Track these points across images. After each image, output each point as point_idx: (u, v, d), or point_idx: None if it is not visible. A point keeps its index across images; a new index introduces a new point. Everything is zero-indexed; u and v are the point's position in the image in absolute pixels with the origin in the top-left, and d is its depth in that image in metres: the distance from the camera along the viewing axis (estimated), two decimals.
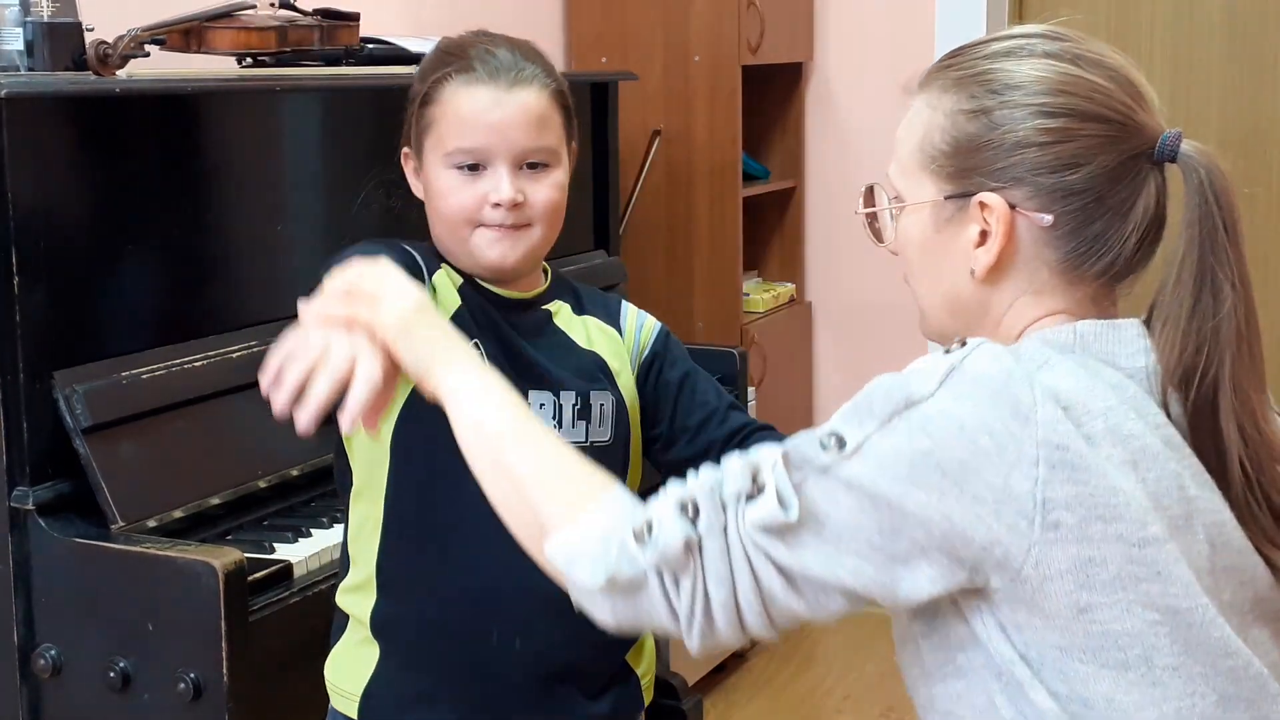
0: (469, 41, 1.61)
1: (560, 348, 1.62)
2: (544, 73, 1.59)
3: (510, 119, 1.54)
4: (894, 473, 1.10)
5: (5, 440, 1.90)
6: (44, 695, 1.95)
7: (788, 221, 3.99)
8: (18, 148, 1.88)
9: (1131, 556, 1.10)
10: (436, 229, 1.59)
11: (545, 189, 1.57)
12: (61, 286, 1.95)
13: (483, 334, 1.56)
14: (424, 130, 1.57)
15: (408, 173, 1.63)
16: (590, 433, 1.59)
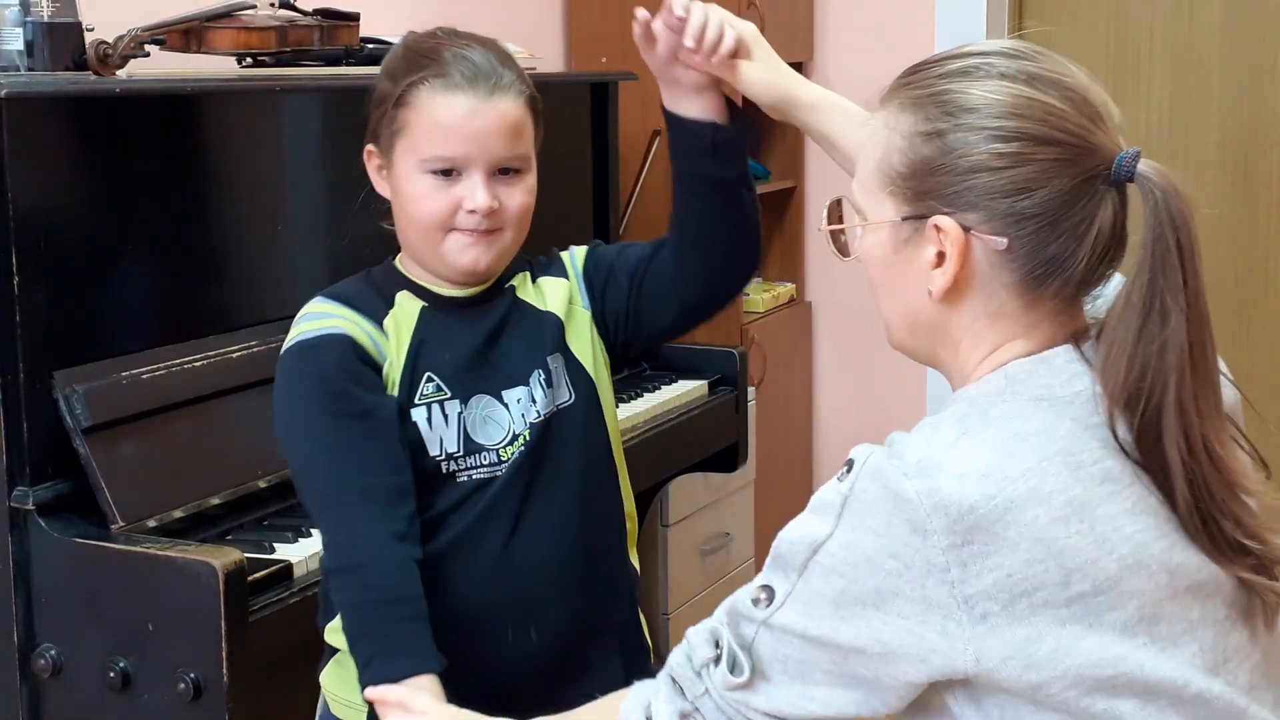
0: (441, 43, 1.58)
1: (526, 320, 1.64)
2: (518, 79, 1.59)
3: (489, 128, 1.54)
4: (820, 614, 1.15)
5: (5, 440, 1.90)
6: (44, 695, 1.95)
7: (788, 221, 3.99)
8: (18, 148, 1.88)
9: (1062, 618, 1.10)
10: (407, 232, 1.60)
11: (518, 194, 1.59)
12: (61, 286, 1.95)
13: (450, 353, 1.58)
14: (396, 132, 1.56)
15: (370, 170, 1.62)
16: (555, 397, 1.61)
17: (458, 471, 1.57)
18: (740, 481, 3.53)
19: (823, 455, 4.12)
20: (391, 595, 1.48)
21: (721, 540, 3.49)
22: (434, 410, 1.56)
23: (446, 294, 1.62)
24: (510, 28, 3.41)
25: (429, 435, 1.55)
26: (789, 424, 3.95)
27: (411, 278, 1.62)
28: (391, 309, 1.60)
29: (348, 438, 1.52)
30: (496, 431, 1.58)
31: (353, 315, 1.57)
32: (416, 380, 1.57)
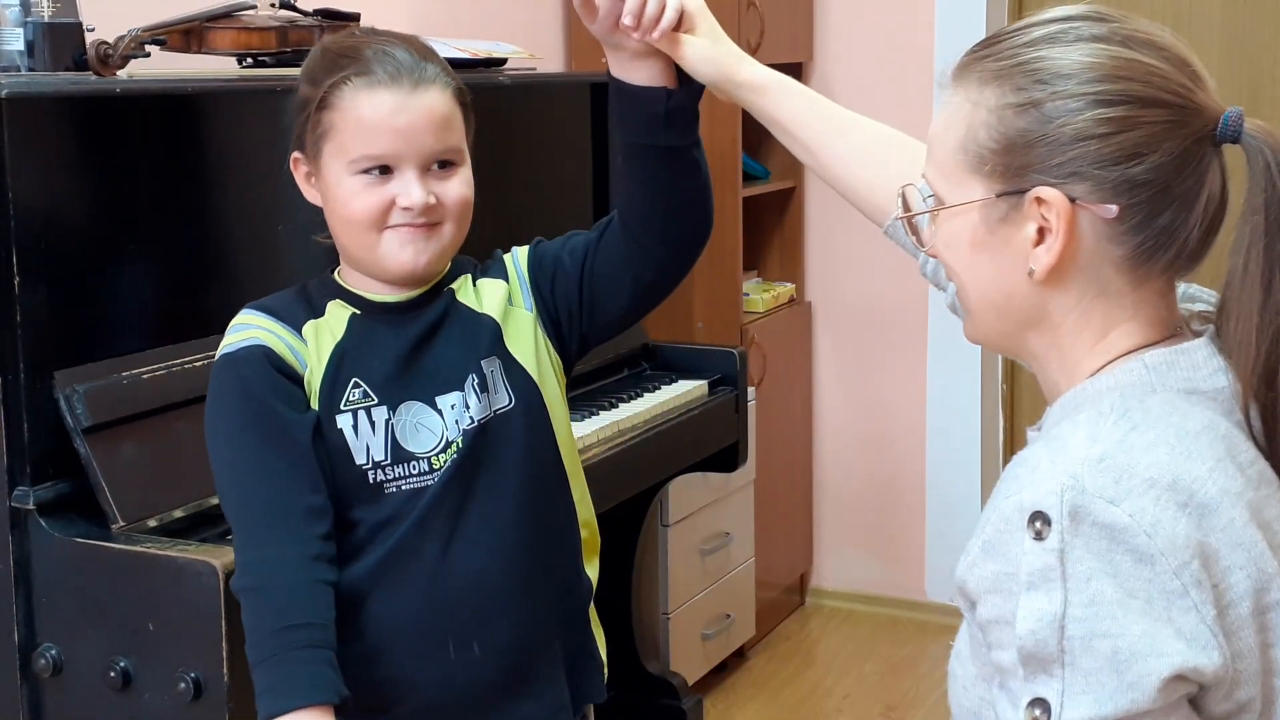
0: (361, 42, 1.55)
1: (463, 324, 1.61)
2: (443, 71, 1.55)
3: (416, 123, 1.51)
4: (1109, 690, 1.03)
5: (6, 440, 1.90)
6: (44, 695, 1.95)
7: (788, 221, 3.99)
8: (18, 148, 1.88)
9: (1261, 625, 1.07)
10: (341, 237, 1.57)
11: (455, 187, 1.55)
12: (62, 286, 1.95)
13: (378, 360, 1.55)
14: (322, 136, 1.53)
15: (298, 179, 1.59)
16: (492, 401, 1.57)
17: (385, 482, 1.52)
18: (740, 481, 3.53)
19: (823, 455, 4.13)
20: (291, 620, 1.43)
21: (721, 540, 3.50)
22: (360, 417, 1.53)
23: (380, 299, 1.58)
24: (510, 28, 3.41)
25: (355, 443, 1.52)
26: (789, 424, 3.95)
27: (347, 286, 1.59)
28: (321, 317, 1.57)
29: (263, 455, 1.50)
30: (429, 439, 1.54)
31: (271, 324, 1.55)
32: (341, 386, 1.54)
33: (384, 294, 1.58)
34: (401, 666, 1.54)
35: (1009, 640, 1.07)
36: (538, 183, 3.01)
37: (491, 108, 2.89)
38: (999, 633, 1.09)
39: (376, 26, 1.60)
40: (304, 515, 1.47)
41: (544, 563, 1.60)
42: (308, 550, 1.46)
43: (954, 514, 3.98)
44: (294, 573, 1.45)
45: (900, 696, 3.58)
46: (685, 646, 3.38)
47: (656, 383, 3.01)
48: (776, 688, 3.64)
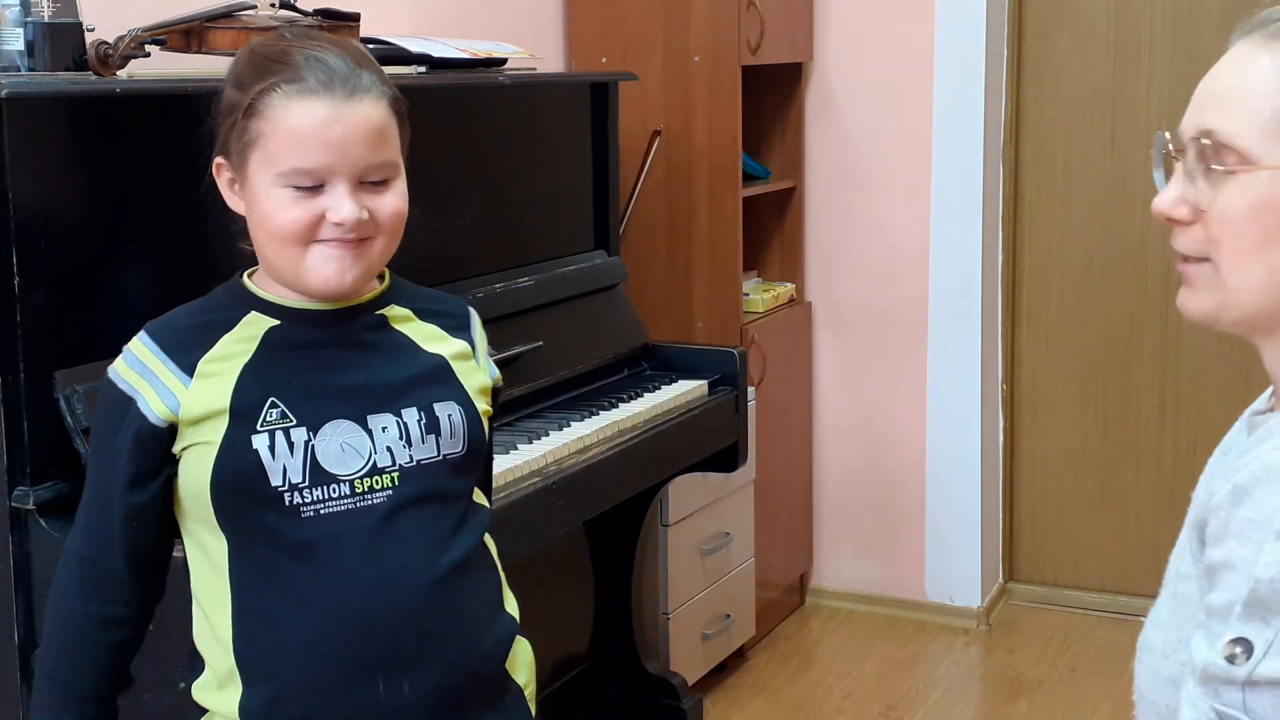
0: (292, 46, 1.48)
1: (401, 352, 1.55)
2: (378, 79, 1.49)
3: (350, 136, 1.44)
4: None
5: (6, 440, 1.90)
6: None
7: (788, 221, 3.99)
8: (19, 148, 1.88)
9: None
10: (265, 248, 1.50)
11: (389, 200, 1.49)
12: (62, 286, 1.95)
13: (298, 378, 1.50)
14: (249, 144, 1.46)
15: (221, 185, 1.54)
16: (441, 446, 1.53)
17: (303, 505, 1.47)
18: (740, 481, 3.53)
19: (823, 455, 4.13)
20: (54, 674, 1.53)
21: (721, 540, 3.50)
22: (277, 438, 1.46)
23: (301, 307, 1.52)
24: (510, 28, 3.41)
25: (271, 465, 1.46)
26: (789, 424, 3.95)
27: (263, 295, 1.53)
28: (230, 332, 1.51)
29: (97, 508, 1.52)
30: (354, 460, 1.48)
31: (157, 364, 1.49)
32: (256, 407, 1.47)
33: (304, 302, 1.53)
34: (330, 705, 1.50)
35: (1235, 584, 1.05)
36: (538, 183, 3.01)
37: (491, 108, 2.90)
38: (1227, 576, 1.07)
39: (307, 31, 1.54)
40: (106, 580, 1.54)
41: (472, 600, 1.55)
42: (96, 611, 1.54)
43: (954, 514, 3.98)
44: (75, 628, 1.56)
45: (900, 696, 3.58)
46: (685, 646, 3.38)
47: (656, 383, 3.01)
48: (776, 688, 3.63)
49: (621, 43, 3.63)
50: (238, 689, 1.51)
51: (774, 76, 3.88)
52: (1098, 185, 3.93)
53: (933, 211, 3.87)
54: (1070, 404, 4.03)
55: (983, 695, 3.67)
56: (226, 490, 1.47)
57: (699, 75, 3.56)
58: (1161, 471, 3.92)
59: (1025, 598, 4.16)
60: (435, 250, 2.65)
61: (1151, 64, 3.83)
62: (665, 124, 3.60)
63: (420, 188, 2.82)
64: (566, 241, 3.09)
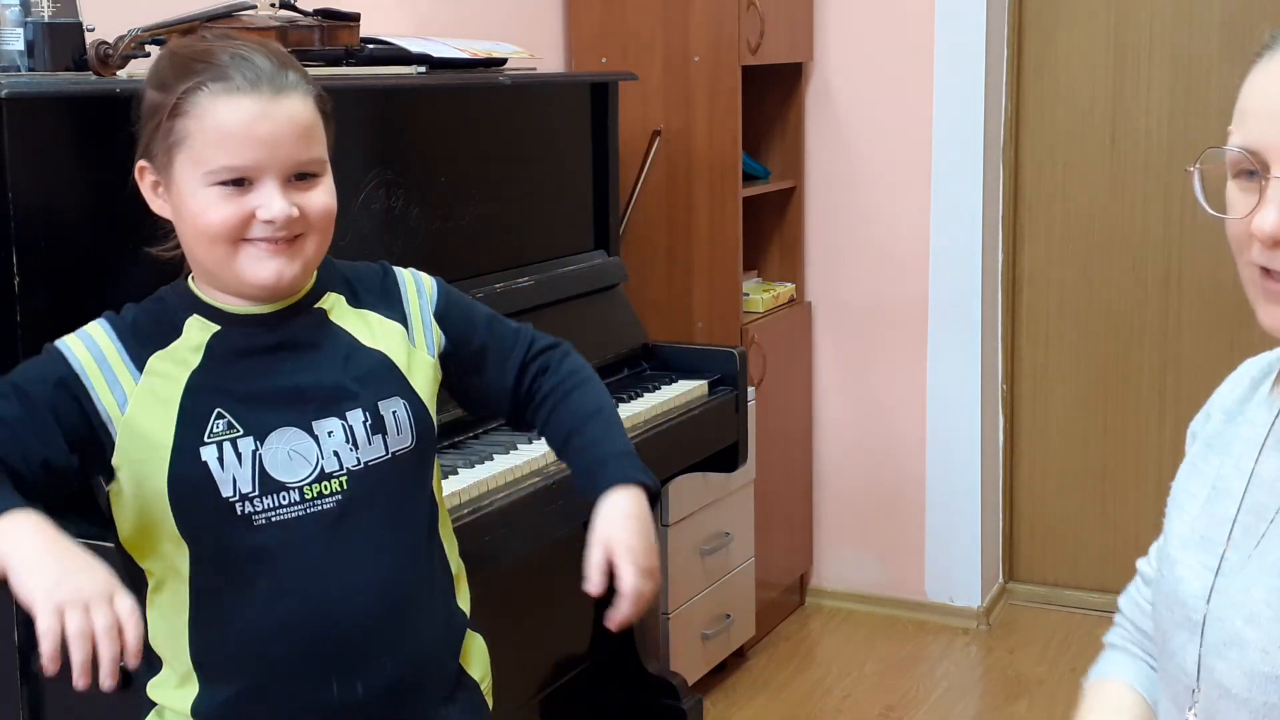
0: (215, 46, 1.48)
1: (342, 351, 1.54)
2: (303, 79, 1.49)
3: (278, 132, 1.44)
4: None
5: None
6: (45, 694, 1.94)
7: (788, 221, 3.99)
8: (19, 148, 1.88)
9: None
10: (195, 250, 1.50)
11: (318, 196, 1.49)
12: (63, 286, 1.95)
13: (242, 386, 1.49)
14: (175, 145, 1.45)
15: (144, 189, 1.53)
16: (390, 444, 1.52)
17: (254, 514, 1.47)
18: (740, 481, 3.53)
19: (823, 455, 4.13)
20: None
21: (721, 540, 3.50)
22: (225, 449, 1.46)
23: (240, 312, 1.51)
24: (510, 28, 3.41)
25: (221, 476, 1.46)
26: (789, 424, 3.95)
27: (204, 298, 1.53)
28: (178, 339, 1.50)
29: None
30: (301, 467, 1.48)
31: (112, 351, 1.48)
32: (203, 418, 1.47)
33: (244, 306, 1.52)
34: (283, 704, 1.51)
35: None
36: (538, 182, 3.01)
37: (491, 108, 2.90)
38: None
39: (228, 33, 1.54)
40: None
41: (424, 598, 1.55)
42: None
43: (954, 514, 3.98)
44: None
45: (900, 696, 3.58)
46: (685, 646, 3.38)
47: (656, 383, 3.01)
48: (776, 688, 3.64)
49: (621, 43, 3.63)
50: (194, 689, 1.52)
51: (774, 76, 3.88)
52: (1098, 185, 3.93)
53: (933, 211, 3.87)
54: (1070, 404, 4.03)
55: (983, 695, 3.67)
56: (182, 500, 1.47)
57: (699, 75, 3.56)
58: (1162, 471, 3.92)
59: (1025, 598, 4.16)
60: (435, 250, 2.65)
61: (1151, 64, 3.83)
62: (665, 124, 3.60)
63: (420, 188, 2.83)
64: (566, 241, 3.09)
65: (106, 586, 1.32)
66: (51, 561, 1.33)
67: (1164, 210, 3.86)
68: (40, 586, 1.32)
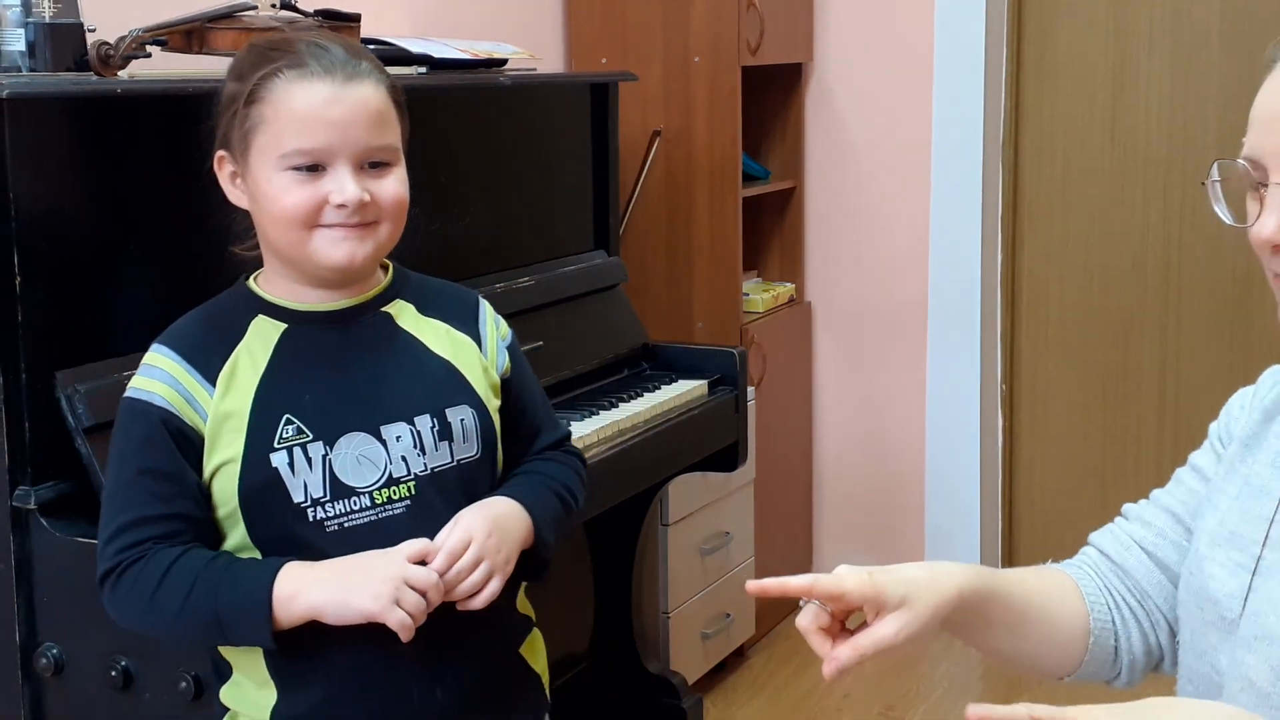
0: (293, 37, 1.51)
1: (409, 357, 1.56)
2: (376, 68, 1.51)
3: (352, 115, 1.46)
4: None
5: (7, 440, 1.91)
6: (46, 694, 1.95)
7: (788, 221, 4.00)
8: (20, 148, 1.88)
9: None
10: (270, 235, 1.51)
11: (391, 185, 1.50)
12: (63, 286, 1.96)
13: (311, 394, 1.50)
14: (251, 131, 1.48)
15: (222, 179, 1.55)
16: (455, 452, 1.53)
17: (326, 520, 1.48)
18: (740, 481, 3.54)
19: (822, 455, 4.13)
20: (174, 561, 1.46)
21: (721, 540, 3.50)
22: (296, 454, 1.47)
23: (308, 309, 1.53)
24: (510, 28, 3.41)
25: (291, 481, 1.47)
26: (789, 424, 3.95)
27: (268, 297, 1.54)
28: (243, 340, 1.51)
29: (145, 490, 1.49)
30: (370, 472, 1.49)
31: (180, 371, 1.50)
32: (273, 424, 1.48)
33: (312, 303, 1.53)
34: (365, 711, 1.52)
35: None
36: (538, 183, 3.01)
37: (491, 108, 2.90)
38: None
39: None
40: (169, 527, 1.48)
41: (492, 604, 1.55)
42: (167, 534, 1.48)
43: (954, 513, 3.98)
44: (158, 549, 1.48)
45: (900, 696, 3.58)
46: (685, 646, 3.38)
47: (656, 383, 3.01)
48: (776, 687, 3.64)
49: (621, 43, 3.63)
50: (272, 696, 1.52)
51: (774, 76, 3.88)
52: (1098, 185, 3.93)
53: (932, 211, 3.87)
54: (1070, 404, 4.03)
55: (983, 695, 3.67)
56: (254, 506, 1.48)
57: (699, 75, 3.56)
58: (1161, 471, 3.91)
59: None
60: (435, 250, 2.65)
61: (1151, 64, 3.83)
62: (665, 124, 3.60)
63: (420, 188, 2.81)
64: (566, 241, 3.10)
65: (395, 559, 1.43)
66: (346, 582, 1.43)
67: (1164, 210, 3.86)
68: (364, 601, 1.42)
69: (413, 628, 1.42)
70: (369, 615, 1.42)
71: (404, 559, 1.43)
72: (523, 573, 1.58)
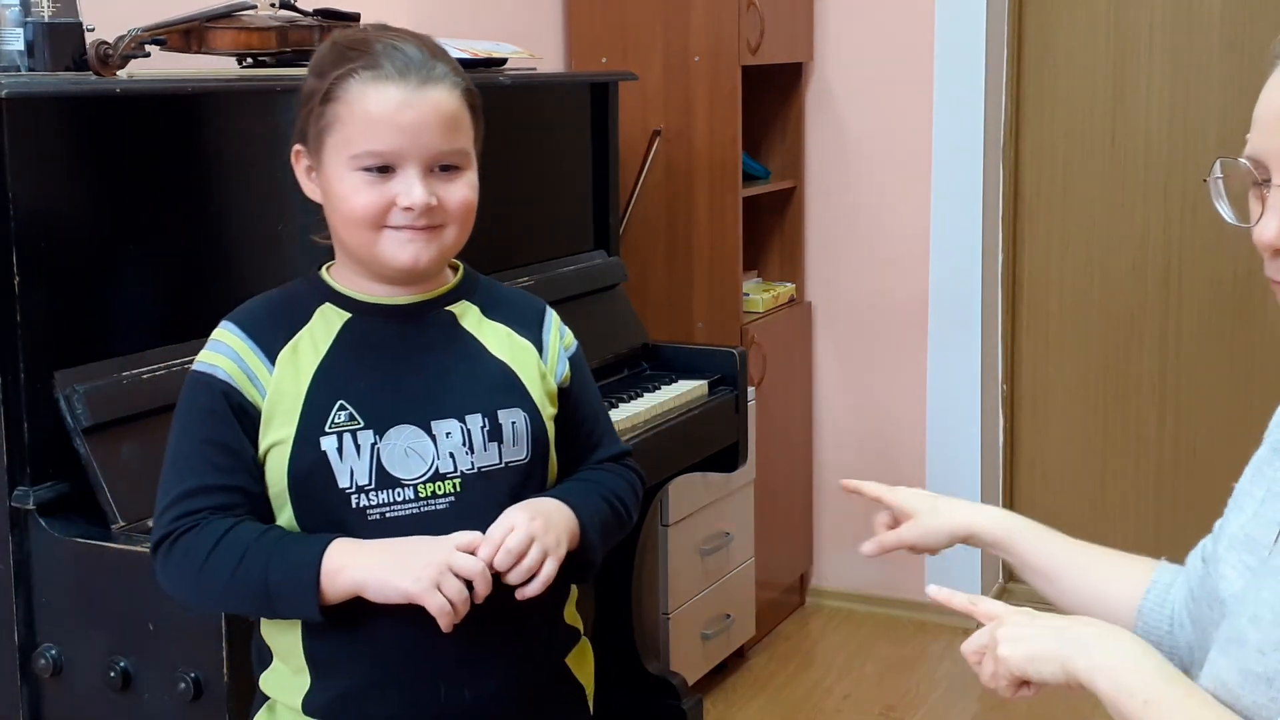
0: (371, 36, 1.52)
1: (467, 356, 1.57)
2: (453, 71, 1.52)
3: (422, 120, 1.48)
4: None
5: (6, 440, 1.90)
6: (45, 695, 1.95)
7: (788, 221, 3.99)
8: (19, 148, 1.88)
9: None
10: (340, 232, 1.54)
11: (459, 189, 1.52)
12: (62, 286, 1.95)
13: (366, 382, 1.51)
14: (325, 129, 1.50)
15: (298, 172, 1.57)
16: (504, 454, 1.54)
17: (369, 508, 1.49)
18: (740, 481, 3.53)
19: (823, 455, 4.13)
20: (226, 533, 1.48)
21: (721, 540, 3.50)
22: (345, 440, 1.49)
23: (375, 301, 1.55)
24: (510, 28, 3.41)
25: (339, 466, 1.49)
26: (789, 424, 3.95)
27: (338, 287, 1.56)
28: (307, 325, 1.54)
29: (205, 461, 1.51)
30: (418, 465, 1.51)
31: (244, 348, 1.52)
32: (325, 408, 1.50)
33: (379, 295, 1.56)
34: (391, 704, 1.52)
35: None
36: (538, 183, 3.01)
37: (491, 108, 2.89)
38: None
39: (386, 25, 1.58)
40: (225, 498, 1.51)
41: (532, 607, 1.53)
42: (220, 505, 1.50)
43: None
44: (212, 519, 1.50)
45: (900, 696, 3.58)
46: (685, 646, 3.38)
47: (656, 383, 3.01)
48: (776, 688, 3.63)
49: (621, 43, 3.63)
50: (306, 682, 1.54)
51: (774, 76, 3.88)
52: (1098, 185, 3.92)
53: (932, 211, 3.87)
54: (1070, 404, 4.03)
55: (983, 695, 3.67)
56: (301, 488, 1.50)
57: (699, 75, 3.56)
58: (1161, 471, 3.92)
59: (1025, 598, 4.15)
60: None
61: (1151, 64, 3.83)
62: (665, 124, 3.60)
63: None
64: (566, 241, 3.09)
65: (443, 546, 1.45)
66: (391, 561, 1.44)
67: (1164, 210, 3.86)
68: (405, 581, 1.43)
69: (451, 614, 1.43)
70: (408, 596, 1.43)
71: (452, 547, 1.44)
72: (569, 574, 1.57)
